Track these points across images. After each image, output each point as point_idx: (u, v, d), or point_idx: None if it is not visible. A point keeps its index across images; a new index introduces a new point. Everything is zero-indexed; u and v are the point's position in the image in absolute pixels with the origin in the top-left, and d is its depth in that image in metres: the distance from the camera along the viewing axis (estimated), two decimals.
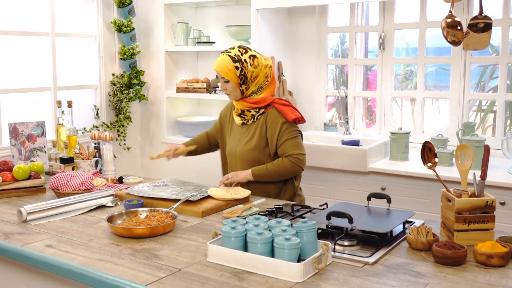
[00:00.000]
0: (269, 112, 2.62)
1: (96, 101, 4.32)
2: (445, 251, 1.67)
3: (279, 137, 2.58)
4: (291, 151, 2.57)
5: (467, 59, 3.61)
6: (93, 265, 1.71)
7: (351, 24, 4.08)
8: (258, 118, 2.64)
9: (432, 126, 4.08)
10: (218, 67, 2.59)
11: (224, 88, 2.62)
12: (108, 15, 4.27)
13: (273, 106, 2.62)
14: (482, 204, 1.82)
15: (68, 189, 2.51)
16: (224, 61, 2.57)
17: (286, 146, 2.57)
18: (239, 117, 2.69)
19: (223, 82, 2.60)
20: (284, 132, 2.58)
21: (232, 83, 2.58)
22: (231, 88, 2.60)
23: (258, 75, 2.60)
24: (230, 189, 2.48)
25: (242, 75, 2.57)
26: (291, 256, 1.60)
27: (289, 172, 2.58)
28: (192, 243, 1.91)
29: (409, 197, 3.24)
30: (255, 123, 2.64)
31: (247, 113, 2.65)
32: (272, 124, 2.59)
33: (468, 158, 1.95)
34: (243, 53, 2.59)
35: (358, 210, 2.14)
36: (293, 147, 2.57)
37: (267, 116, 2.61)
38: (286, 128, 2.58)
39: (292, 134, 2.59)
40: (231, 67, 2.56)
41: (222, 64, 2.57)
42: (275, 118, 2.59)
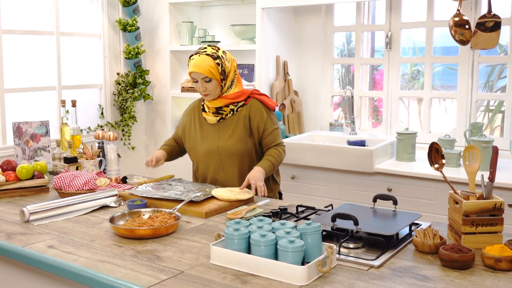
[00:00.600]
0: (251, 103, 2.65)
1: (101, 101, 4.30)
2: (452, 254, 1.63)
3: (266, 127, 2.63)
4: (279, 141, 2.68)
5: (475, 58, 3.57)
6: (94, 267, 1.69)
7: (357, 23, 4.05)
8: (239, 110, 2.64)
9: (439, 127, 4.03)
10: (198, 68, 2.53)
11: (203, 89, 2.57)
12: (113, 14, 4.26)
13: (253, 97, 2.66)
14: (490, 207, 1.79)
15: (71, 189, 2.49)
16: (204, 60, 2.54)
17: (274, 135, 2.65)
18: (215, 115, 2.65)
19: (203, 83, 2.56)
20: (270, 121, 2.66)
21: (214, 81, 2.56)
22: (212, 87, 2.57)
23: (231, 70, 2.62)
24: (234, 189, 2.45)
25: (222, 71, 2.57)
26: (295, 259, 1.57)
27: (282, 161, 2.69)
28: (195, 244, 1.89)
29: (415, 198, 3.21)
30: (235, 116, 2.64)
31: (225, 109, 2.63)
32: (257, 114, 2.62)
33: (476, 159, 1.91)
34: (217, 50, 2.60)
35: (363, 212, 2.11)
36: (279, 137, 2.70)
37: (250, 108, 2.64)
38: (271, 118, 2.67)
39: (276, 123, 2.70)
40: (213, 65, 2.54)
41: (203, 64, 2.53)
42: (259, 109, 2.64)
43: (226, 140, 2.62)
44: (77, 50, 4.14)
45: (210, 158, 2.67)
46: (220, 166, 2.66)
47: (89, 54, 4.23)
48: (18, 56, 3.79)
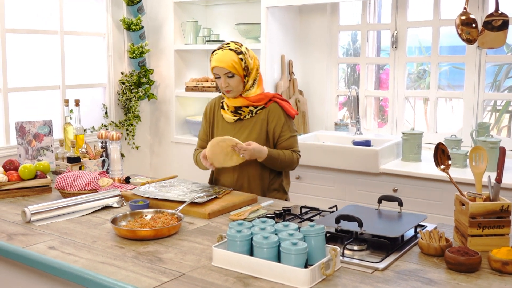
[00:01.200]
0: (271, 106, 2.58)
1: (105, 100, 4.29)
2: (459, 257, 1.60)
3: (282, 132, 2.57)
4: (296, 148, 2.61)
5: (482, 58, 3.53)
6: (95, 268, 1.67)
7: (363, 22, 4.01)
8: (257, 113, 2.57)
9: (446, 127, 4.00)
10: (221, 62, 2.47)
11: (226, 84, 2.50)
12: (117, 13, 4.24)
13: (274, 101, 2.59)
14: (497, 209, 1.76)
15: (73, 189, 2.47)
16: (228, 55, 2.48)
17: (290, 142, 2.58)
18: (233, 114, 2.60)
19: (225, 78, 2.49)
20: (289, 128, 2.59)
21: (237, 77, 2.49)
22: (235, 83, 2.50)
23: (253, 68, 2.55)
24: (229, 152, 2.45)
25: (245, 67, 2.51)
26: (298, 261, 1.55)
27: (291, 166, 2.61)
28: (197, 246, 1.87)
29: (421, 199, 3.17)
30: (253, 118, 2.58)
31: (244, 109, 2.57)
32: (275, 118, 2.56)
33: (482, 160, 1.88)
34: (240, 46, 2.54)
35: (368, 213, 2.08)
36: (295, 144, 2.62)
37: (269, 111, 2.57)
38: (289, 125, 2.60)
39: (294, 131, 2.62)
40: (236, 59, 2.48)
41: (226, 59, 2.47)
42: (278, 113, 2.57)
43: (243, 141, 2.52)
44: (81, 49, 4.13)
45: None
46: (231, 167, 2.60)
47: (93, 53, 4.22)
48: (22, 55, 3.78)
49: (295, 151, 2.60)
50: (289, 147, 2.58)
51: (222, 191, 2.44)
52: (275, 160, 2.52)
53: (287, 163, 2.57)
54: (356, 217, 1.81)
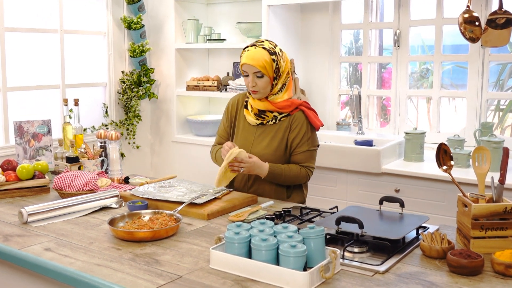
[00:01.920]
0: (296, 115, 2.45)
1: (105, 99, 4.27)
2: (461, 260, 1.57)
3: (301, 143, 2.44)
4: (308, 163, 2.48)
5: (485, 56, 3.49)
6: (91, 271, 1.64)
7: (365, 20, 3.98)
8: (282, 120, 2.45)
9: (449, 126, 3.96)
10: (252, 60, 2.34)
11: (253, 84, 2.37)
12: (118, 12, 4.22)
13: (300, 109, 2.46)
14: (500, 210, 1.72)
15: (71, 189, 2.45)
16: (260, 53, 2.34)
17: (305, 156, 2.46)
18: (256, 117, 2.48)
19: (254, 78, 2.37)
20: (308, 140, 2.45)
21: (266, 78, 2.36)
22: (263, 84, 2.38)
23: (284, 71, 2.42)
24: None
25: (276, 69, 2.37)
26: (297, 264, 1.52)
27: (299, 181, 2.49)
28: (195, 247, 1.84)
29: (424, 199, 3.14)
30: (276, 125, 2.46)
31: (268, 114, 2.46)
32: (297, 128, 2.43)
33: (485, 161, 1.84)
34: (275, 46, 2.41)
35: (369, 215, 2.05)
36: (310, 159, 2.48)
37: (293, 119, 2.44)
38: (310, 137, 2.46)
39: (314, 146, 2.49)
40: (269, 60, 2.34)
41: (258, 57, 2.33)
42: (302, 123, 2.44)
43: (261, 149, 2.46)
44: (81, 48, 4.10)
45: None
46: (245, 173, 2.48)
47: (93, 52, 4.20)
48: (21, 54, 3.76)
49: (306, 167, 2.46)
50: (302, 161, 2.45)
51: (221, 192, 2.41)
52: (278, 176, 2.42)
53: (292, 179, 2.45)
54: (356, 218, 1.78)
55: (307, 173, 2.48)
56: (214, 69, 4.52)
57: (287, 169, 2.43)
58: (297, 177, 2.45)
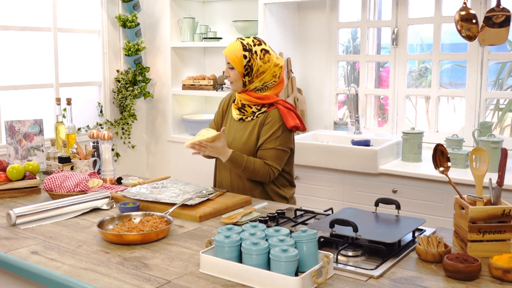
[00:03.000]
0: (271, 112, 2.47)
1: (100, 98, 4.22)
2: (457, 264, 1.52)
3: (269, 140, 2.43)
4: (272, 162, 2.44)
5: (484, 55, 3.44)
6: (77, 275, 1.60)
7: (363, 19, 3.93)
8: (259, 116, 2.50)
9: (448, 126, 3.91)
10: (227, 51, 2.47)
11: (228, 74, 2.49)
12: (113, 10, 4.17)
13: (277, 107, 2.48)
14: (498, 213, 1.68)
15: (62, 190, 2.40)
16: (235, 47, 2.45)
17: (269, 154, 2.44)
18: (238, 111, 2.55)
19: (228, 68, 2.48)
20: (276, 139, 2.44)
21: (236, 71, 2.45)
22: (234, 76, 2.47)
23: (265, 72, 2.45)
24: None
25: (248, 65, 2.43)
26: (288, 269, 1.47)
27: (259, 177, 2.45)
28: (185, 251, 1.79)
29: (421, 200, 3.09)
30: (254, 121, 2.50)
31: (247, 109, 2.51)
32: (269, 124, 2.45)
33: (483, 162, 1.80)
34: (256, 44, 2.45)
35: (364, 217, 2.00)
36: (275, 159, 2.44)
37: (267, 115, 2.47)
38: (279, 136, 2.44)
39: (282, 146, 2.45)
40: (239, 55, 2.43)
41: (232, 49, 2.45)
42: (274, 120, 2.45)
43: (240, 145, 2.49)
44: (75, 47, 4.05)
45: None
46: (227, 169, 2.55)
47: (88, 51, 4.15)
48: (14, 53, 3.70)
49: (270, 165, 2.42)
50: (265, 158, 2.43)
51: (215, 193, 2.37)
52: (238, 165, 2.39)
53: (252, 173, 2.42)
54: (351, 221, 1.74)
55: (269, 172, 2.43)
56: (210, 68, 4.47)
57: (250, 161, 2.41)
58: (257, 172, 2.41)
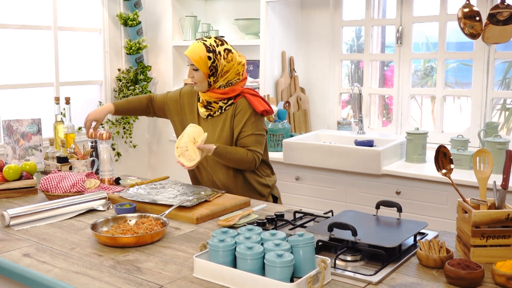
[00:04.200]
0: (239, 101, 2.49)
1: (101, 97, 4.19)
2: (459, 271, 1.47)
3: (244, 128, 2.46)
4: (254, 147, 2.47)
5: (490, 54, 3.37)
6: (68, 279, 1.56)
7: (367, 17, 3.87)
8: (227, 109, 2.50)
9: (453, 126, 3.85)
10: (190, 53, 2.44)
11: (191, 76, 2.46)
12: (114, 8, 4.13)
13: (243, 96, 2.50)
14: (502, 217, 1.62)
15: (58, 191, 2.37)
16: (198, 48, 2.43)
17: (249, 140, 2.47)
18: (205, 109, 2.53)
19: (191, 69, 2.45)
20: (251, 125, 2.47)
21: (201, 72, 2.43)
22: (198, 77, 2.44)
23: (229, 71, 2.46)
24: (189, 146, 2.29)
25: (213, 66, 2.43)
26: (283, 275, 1.42)
27: (246, 166, 2.48)
28: (180, 254, 1.75)
29: (425, 202, 3.04)
30: (223, 115, 2.50)
31: (214, 105, 2.50)
32: (240, 113, 2.47)
33: (487, 164, 1.74)
34: (219, 45, 2.46)
35: (365, 220, 1.95)
36: (256, 144, 2.48)
37: (236, 106, 2.48)
38: (253, 122, 2.48)
39: (259, 130, 2.50)
40: (203, 56, 2.41)
41: (195, 51, 2.42)
42: (244, 108, 2.47)
43: (213, 141, 2.48)
44: (76, 46, 4.02)
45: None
46: (203, 163, 2.55)
47: (89, 50, 4.11)
48: (13, 51, 3.67)
49: (253, 151, 2.46)
50: (247, 145, 2.46)
51: (213, 194, 2.32)
52: (223, 155, 2.40)
53: (238, 161, 2.44)
54: (349, 225, 1.68)
55: (253, 157, 2.46)
56: None
57: (233, 149, 2.43)
58: (243, 160, 2.44)
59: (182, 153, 2.27)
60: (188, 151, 2.26)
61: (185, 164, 2.26)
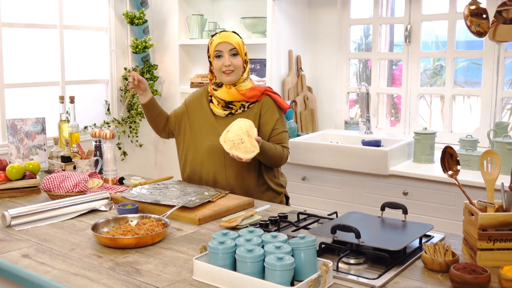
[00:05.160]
0: (264, 100, 2.47)
1: (108, 96, 4.17)
2: (465, 275, 1.43)
3: (276, 126, 2.45)
4: (285, 144, 2.48)
5: (500, 53, 3.31)
6: (65, 281, 1.53)
7: (375, 15, 3.82)
8: (250, 107, 2.46)
9: (463, 126, 3.79)
10: (227, 38, 2.38)
11: (228, 63, 2.36)
12: (120, 7, 4.11)
13: (266, 94, 2.48)
14: (510, 220, 1.58)
15: (61, 191, 2.35)
16: (232, 34, 2.41)
17: (282, 137, 2.46)
18: (224, 109, 2.47)
19: (229, 56, 2.37)
20: (282, 122, 2.48)
21: (240, 58, 2.39)
22: (238, 63, 2.39)
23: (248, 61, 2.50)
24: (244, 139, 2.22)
25: (245, 53, 2.45)
26: (283, 278, 1.39)
27: (280, 163, 2.47)
28: (181, 256, 1.72)
29: (433, 203, 2.99)
30: (246, 113, 2.45)
31: (235, 103, 2.46)
32: (268, 112, 2.44)
33: (495, 166, 1.70)
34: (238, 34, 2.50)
35: (369, 222, 1.91)
36: (286, 140, 2.49)
37: (262, 104, 2.46)
38: (283, 119, 2.50)
39: (285, 127, 2.51)
40: (241, 42, 2.41)
41: (232, 36, 2.40)
42: (271, 107, 2.46)
43: None
44: (83, 44, 4.01)
45: (212, 155, 2.46)
46: (222, 165, 2.45)
47: (95, 48, 4.10)
48: (19, 50, 3.66)
49: (285, 147, 2.47)
50: (280, 141, 2.45)
51: (217, 195, 2.29)
52: (267, 152, 2.34)
53: (277, 158, 2.42)
54: (353, 227, 1.65)
55: (287, 154, 2.49)
56: None
57: (273, 147, 2.40)
58: (281, 156, 2.44)
59: (235, 145, 2.20)
60: (244, 143, 2.19)
61: (243, 157, 2.18)
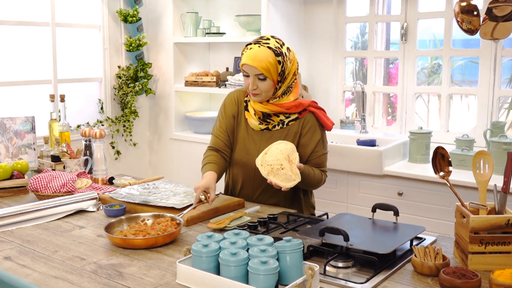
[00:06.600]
0: (307, 117, 2.21)
1: (101, 95, 4.13)
2: (454, 280, 1.39)
3: (317, 148, 2.21)
4: (325, 167, 2.27)
5: (497, 51, 3.26)
6: (45, 284, 1.50)
7: (371, 13, 3.78)
8: (290, 124, 2.21)
9: (460, 125, 3.75)
10: (255, 61, 2.07)
11: (254, 87, 2.12)
12: (114, 5, 4.07)
13: (310, 111, 2.22)
14: (502, 223, 1.54)
15: (48, 191, 2.31)
16: (264, 53, 2.07)
17: (322, 160, 2.24)
18: (260, 121, 2.22)
19: (255, 80, 2.11)
20: (323, 144, 2.25)
21: (269, 81, 2.10)
22: (265, 87, 2.12)
23: (291, 72, 2.16)
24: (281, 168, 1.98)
25: (282, 71, 2.11)
26: (267, 283, 1.35)
27: (316, 187, 2.27)
28: (166, 258, 1.68)
29: (428, 204, 2.95)
30: (284, 130, 2.21)
31: (274, 118, 2.20)
32: (310, 131, 2.20)
33: (488, 167, 1.66)
34: (282, 45, 2.13)
35: (360, 224, 1.87)
36: (325, 163, 2.28)
37: (303, 123, 2.21)
38: (325, 140, 2.27)
39: (326, 148, 2.29)
40: (273, 62, 2.08)
41: (262, 58, 2.07)
42: (314, 126, 2.21)
43: None
44: (75, 42, 3.96)
45: (244, 170, 2.29)
46: (251, 180, 2.29)
47: (88, 46, 4.05)
48: (10, 48, 3.62)
49: (324, 172, 2.26)
50: (319, 165, 2.23)
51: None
52: (305, 178, 2.12)
53: (315, 183, 2.22)
54: (341, 229, 1.61)
55: (325, 179, 2.28)
56: (215, 64, 4.35)
57: (312, 171, 2.18)
58: (319, 181, 2.23)
59: (274, 171, 1.97)
60: (284, 170, 1.96)
61: (282, 185, 1.96)
